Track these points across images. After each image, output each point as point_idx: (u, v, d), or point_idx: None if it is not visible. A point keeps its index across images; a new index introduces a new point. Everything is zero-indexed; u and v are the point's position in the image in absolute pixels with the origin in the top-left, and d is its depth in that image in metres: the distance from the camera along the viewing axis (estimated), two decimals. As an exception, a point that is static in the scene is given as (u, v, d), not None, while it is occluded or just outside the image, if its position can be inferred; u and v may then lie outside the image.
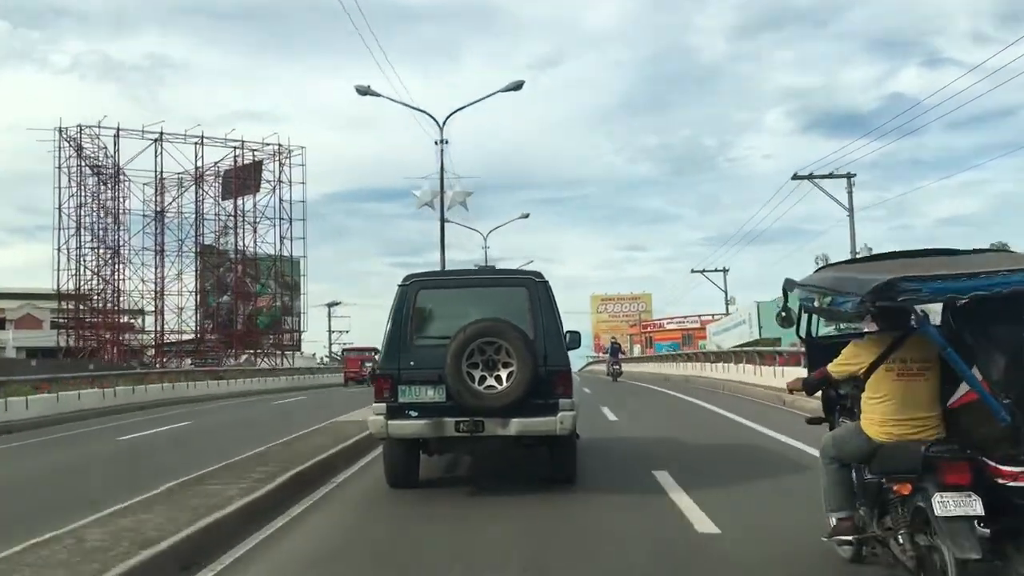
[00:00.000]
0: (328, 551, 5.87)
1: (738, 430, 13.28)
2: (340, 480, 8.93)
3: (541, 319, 7.60)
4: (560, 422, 7.26)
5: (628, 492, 7.71)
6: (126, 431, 17.59)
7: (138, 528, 5.70)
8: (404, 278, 8.02)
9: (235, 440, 12.88)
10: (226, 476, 8.08)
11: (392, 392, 7.50)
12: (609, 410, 17.47)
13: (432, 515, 7.00)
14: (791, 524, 6.06)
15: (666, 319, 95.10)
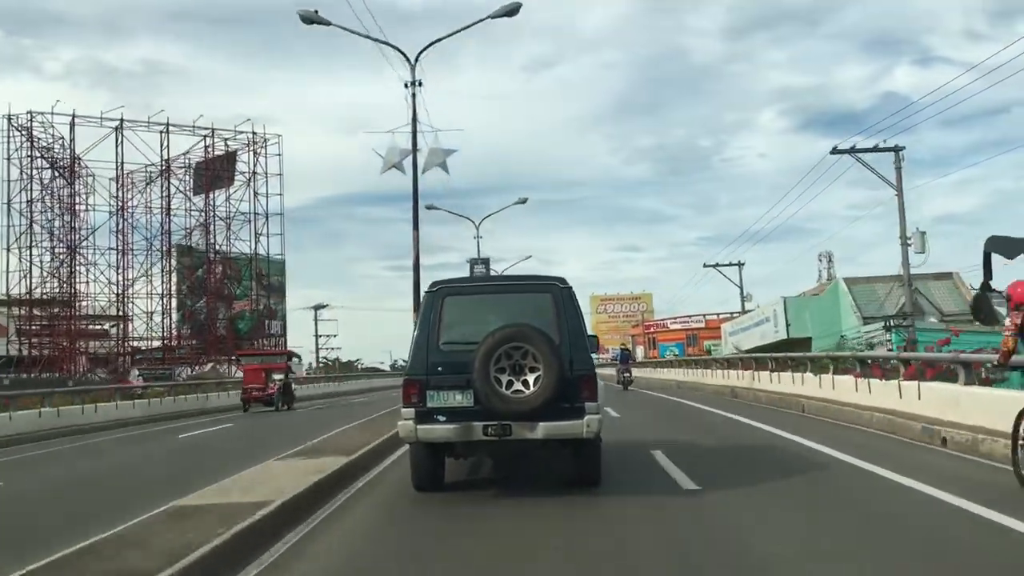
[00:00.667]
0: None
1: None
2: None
3: (566, 324, 7.64)
4: (587, 425, 7.32)
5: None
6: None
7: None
8: (431, 284, 8.15)
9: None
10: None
11: (421, 397, 7.52)
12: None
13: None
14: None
15: (669, 319, 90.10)
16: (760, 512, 6.98)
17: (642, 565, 5.29)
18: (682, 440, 12.45)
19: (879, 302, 33.63)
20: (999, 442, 8.46)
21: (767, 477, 8.60)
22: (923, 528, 6.19)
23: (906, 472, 8.17)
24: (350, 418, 18.71)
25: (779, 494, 7.75)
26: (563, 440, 7.54)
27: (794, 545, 5.83)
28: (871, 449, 10.18)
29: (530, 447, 7.81)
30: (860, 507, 7.05)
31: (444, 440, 7.58)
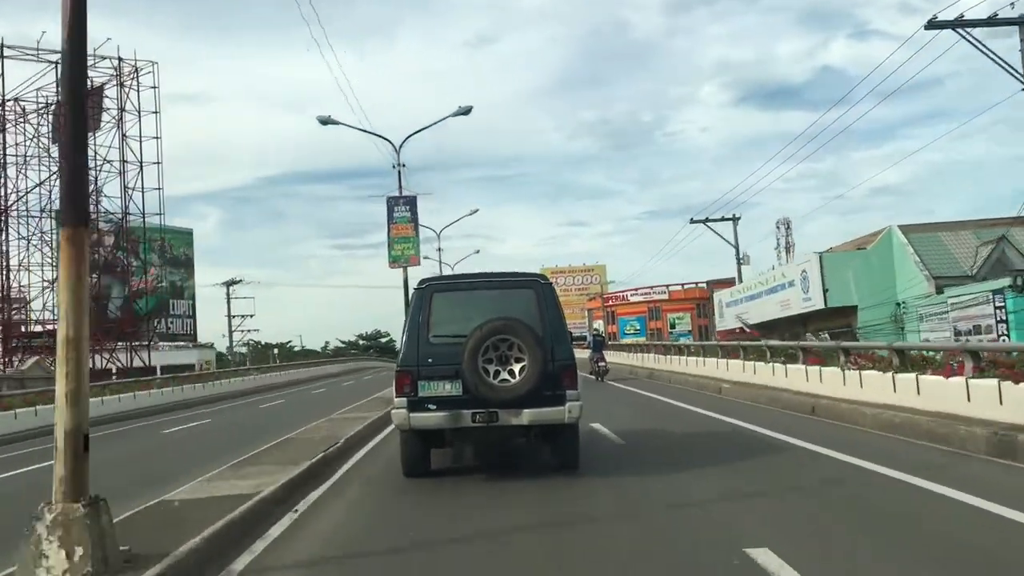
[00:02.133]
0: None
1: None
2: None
3: (548, 318, 8.11)
4: (568, 411, 7.80)
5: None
6: None
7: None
8: (419, 282, 8.69)
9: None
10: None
11: (412, 387, 7.89)
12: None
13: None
14: None
15: (630, 291, 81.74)
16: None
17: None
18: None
19: (950, 256, 25.22)
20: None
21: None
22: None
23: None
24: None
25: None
26: (544, 427, 8.03)
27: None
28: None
29: (515, 433, 8.21)
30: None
31: (436, 427, 7.98)
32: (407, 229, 25.54)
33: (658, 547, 5.53)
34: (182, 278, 61.17)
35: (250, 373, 39.22)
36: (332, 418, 15.76)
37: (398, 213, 25.77)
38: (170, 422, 21.28)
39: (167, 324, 58.90)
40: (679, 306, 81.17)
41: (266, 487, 7.59)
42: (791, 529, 5.86)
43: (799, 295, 29.39)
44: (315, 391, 33.76)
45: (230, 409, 26.22)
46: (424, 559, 5.51)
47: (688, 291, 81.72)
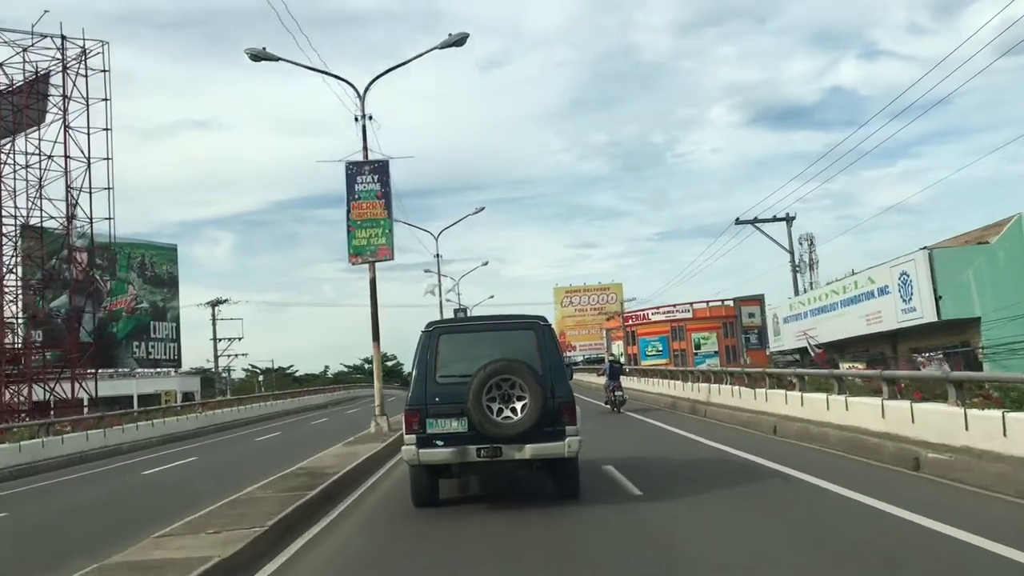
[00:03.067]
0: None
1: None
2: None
3: (548, 358, 8.48)
4: (568, 446, 8.16)
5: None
6: None
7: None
8: (427, 324, 8.92)
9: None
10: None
11: (421, 424, 8.30)
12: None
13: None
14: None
15: (651, 309, 75.65)
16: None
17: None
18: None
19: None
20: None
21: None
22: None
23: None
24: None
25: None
26: (546, 460, 8.40)
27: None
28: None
29: (518, 467, 8.53)
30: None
31: (443, 462, 8.37)
32: (375, 207, 17.85)
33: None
34: (165, 298, 56.01)
35: (212, 407, 32.96)
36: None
37: (362, 185, 17.82)
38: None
39: (147, 349, 53.64)
40: (704, 325, 75.21)
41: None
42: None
43: (895, 305, 22.98)
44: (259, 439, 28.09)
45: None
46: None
47: (713, 309, 75.79)
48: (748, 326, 76.06)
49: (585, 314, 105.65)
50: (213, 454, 20.40)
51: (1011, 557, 5.40)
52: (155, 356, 54.12)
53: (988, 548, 5.61)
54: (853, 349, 25.80)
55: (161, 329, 55.02)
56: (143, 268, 54.48)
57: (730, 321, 74.89)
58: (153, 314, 54.81)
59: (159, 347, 54.70)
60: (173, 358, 55.60)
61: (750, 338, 76.48)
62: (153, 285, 55.25)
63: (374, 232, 17.98)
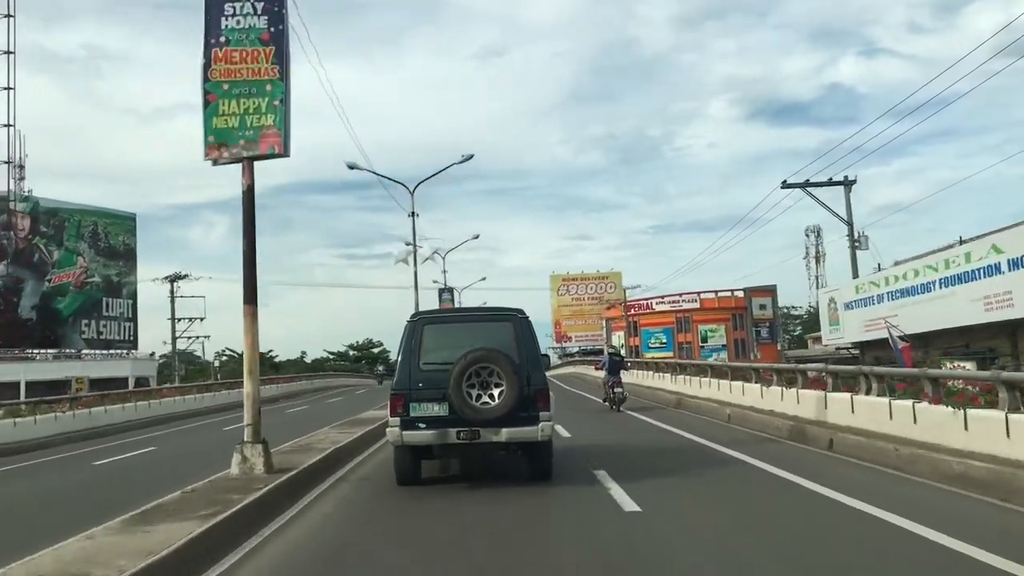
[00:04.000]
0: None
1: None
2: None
3: (524, 348, 8.89)
4: (541, 430, 8.63)
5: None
6: None
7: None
8: (412, 315, 9.49)
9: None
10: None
11: (405, 408, 8.72)
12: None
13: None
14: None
15: (656, 298, 69.96)
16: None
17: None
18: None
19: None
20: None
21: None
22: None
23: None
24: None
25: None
26: (521, 443, 8.84)
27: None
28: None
29: (494, 449, 9.04)
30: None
31: (425, 443, 8.79)
32: (257, 58, 9.95)
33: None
34: (120, 272, 50.14)
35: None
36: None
37: (234, 19, 9.97)
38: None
39: (98, 328, 47.78)
40: (712, 317, 69.69)
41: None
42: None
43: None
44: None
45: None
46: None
47: (723, 300, 70.26)
48: (759, 319, 70.51)
49: (583, 303, 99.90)
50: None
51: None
52: (108, 336, 48.32)
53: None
54: (942, 343, 20.17)
55: (115, 306, 49.20)
56: (95, 238, 48.63)
57: (740, 313, 69.35)
58: (106, 289, 49.00)
59: (112, 326, 48.91)
60: (128, 339, 49.80)
61: (761, 331, 70.93)
62: (107, 257, 49.40)
63: (253, 104, 9.88)
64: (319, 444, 12.29)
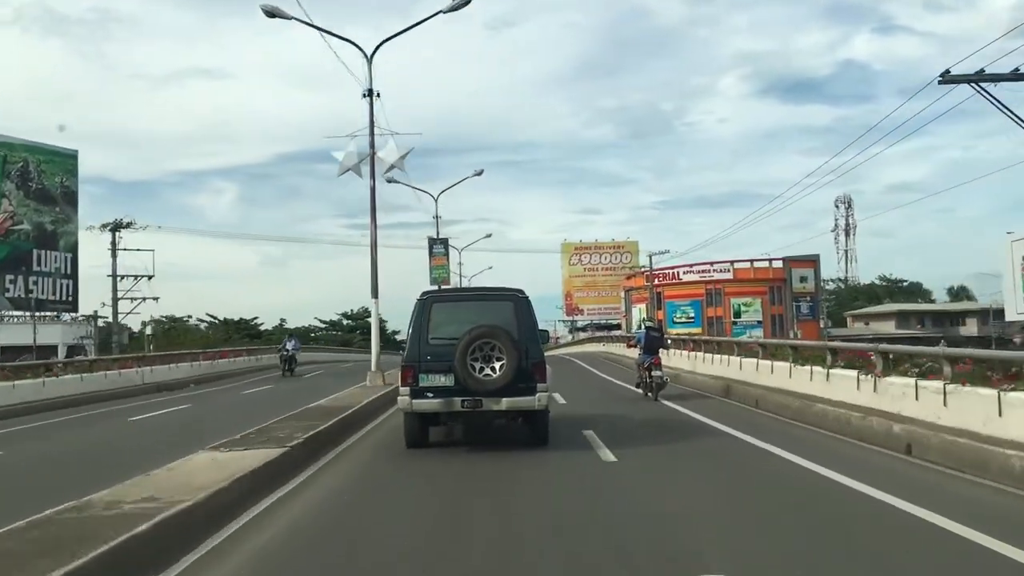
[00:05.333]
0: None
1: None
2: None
3: (523, 325, 9.57)
4: (538, 400, 9.33)
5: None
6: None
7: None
8: (421, 294, 10.15)
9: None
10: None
11: (414, 379, 9.41)
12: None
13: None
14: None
15: (682, 267, 61.49)
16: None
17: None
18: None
19: None
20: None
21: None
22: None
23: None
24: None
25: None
26: (519, 411, 9.59)
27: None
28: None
29: (495, 417, 9.75)
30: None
31: (432, 411, 9.54)
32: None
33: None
34: (57, 220, 41.95)
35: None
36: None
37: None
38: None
39: (27, 284, 39.61)
40: (746, 289, 61.32)
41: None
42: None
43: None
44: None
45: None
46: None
47: (759, 270, 61.82)
48: (799, 292, 61.99)
49: (596, 274, 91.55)
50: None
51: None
52: (39, 295, 40.13)
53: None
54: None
55: (49, 260, 41.06)
56: (26, 177, 40.51)
57: (778, 285, 60.92)
58: (38, 240, 40.91)
59: (46, 284, 40.77)
60: (66, 299, 41.73)
61: (801, 307, 62.53)
62: (39, 201, 41.32)
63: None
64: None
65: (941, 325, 68.83)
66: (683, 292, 61.61)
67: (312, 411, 12.14)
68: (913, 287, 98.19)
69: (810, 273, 61.77)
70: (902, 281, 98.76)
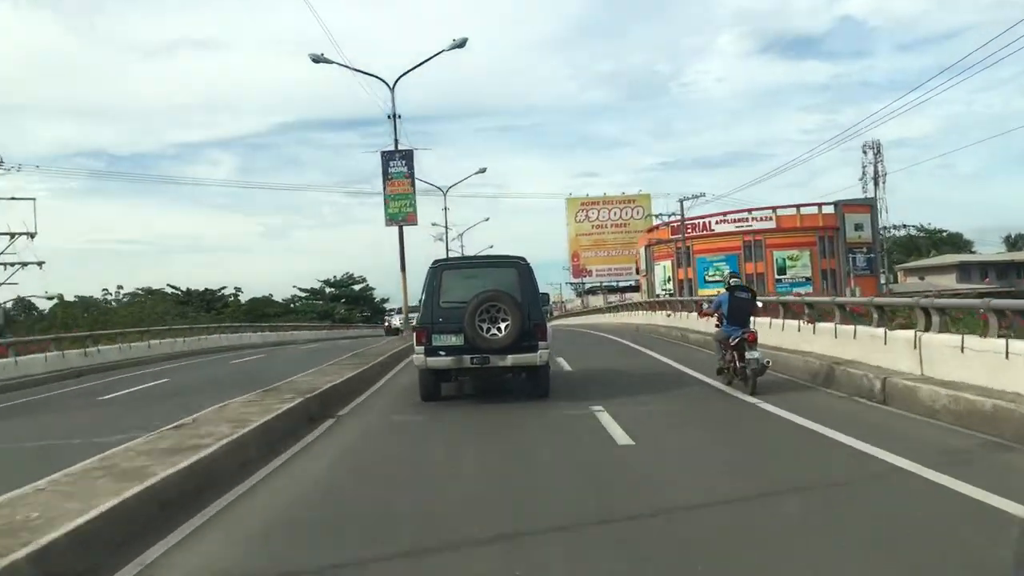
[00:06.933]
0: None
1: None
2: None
3: (526, 289, 10.28)
4: (540, 356, 9.99)
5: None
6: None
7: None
8: (433, 262, 10.94)
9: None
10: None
11: (428, 339, 10.09)
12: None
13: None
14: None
15: (715, 216, 51.57)
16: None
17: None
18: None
19: None
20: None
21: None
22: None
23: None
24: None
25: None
26: (523, 367, 10.25)
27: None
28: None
29: (502, 372, 10.46)
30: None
31: (444, 367, 10.24)
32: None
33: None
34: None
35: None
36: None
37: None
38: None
39: None
40: (792, 240, 51.57)
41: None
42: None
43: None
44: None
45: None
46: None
47: (806, 217, 51.92)
48: (854, 243, 52.25)
49: (604, 231, 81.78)
50: None
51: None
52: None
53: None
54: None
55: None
56: None
57: (829, 235, 51.09)
58: None
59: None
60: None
61: (856, 259, 52.84)
62: None
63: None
64: None
65: (1006, 277, 59.35)
66: (716, 245, 51.94)
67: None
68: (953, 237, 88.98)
69: (866, 219, 52.02)
70: (941, 231, 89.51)
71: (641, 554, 3.96)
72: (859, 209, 52.08)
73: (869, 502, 4.85)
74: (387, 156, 24.62)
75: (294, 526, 4.84)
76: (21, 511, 4.23)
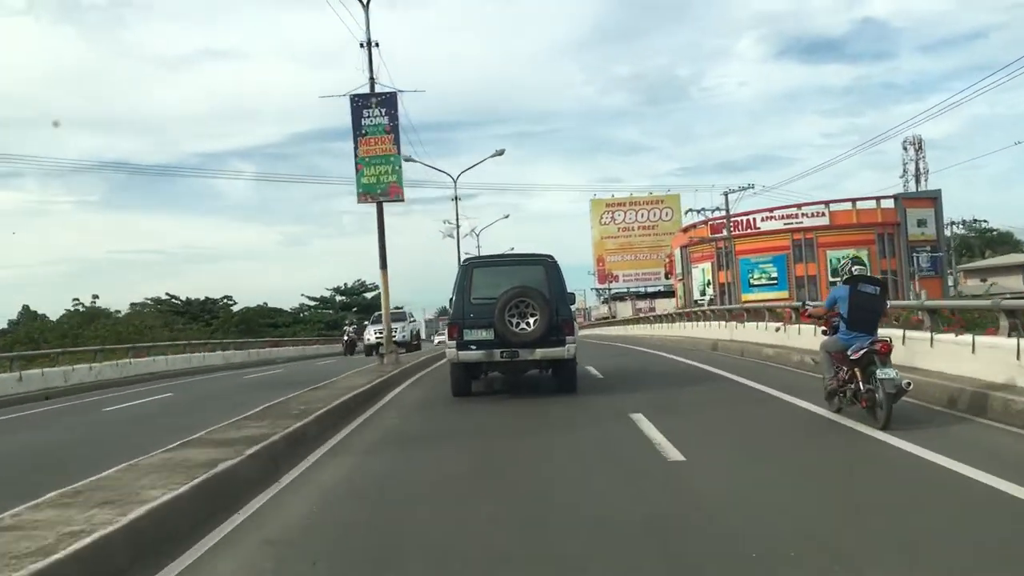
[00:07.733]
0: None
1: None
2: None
3: (553, 286, 10.73)
4: (567, 350, 10.45)
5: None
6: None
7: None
8: (464, 260, 12.83)
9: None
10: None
11: (460, 334, 10.61)
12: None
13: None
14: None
15: (761, 212, 46.14)
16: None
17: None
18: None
19: None
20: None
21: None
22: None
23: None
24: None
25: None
26: (551, 361, 10.79)
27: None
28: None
29: (530, 366, 10.93)
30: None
31: (475, 361, 10.73)
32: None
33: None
34: None
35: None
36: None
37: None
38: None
39: None
40: (848, 238, 46.06)
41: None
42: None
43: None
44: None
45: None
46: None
47: (863, 212, 46.49)
48: (916, 240, 46.79)
49: (631, 234, 76.94)
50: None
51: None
52: None
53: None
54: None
55: None
56: None
57: (889, 232, 45.65)
58: None
59: None
60: None
61: (919, 258, 47.37)
62: None
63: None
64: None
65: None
66: (761, 246, 46.70)
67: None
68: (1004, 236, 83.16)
69: (929, 215, 46.59)
70: (992, 230, 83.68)
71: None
72: (921, 203, 46.67)
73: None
74: (359, 103, 16.88)
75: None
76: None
